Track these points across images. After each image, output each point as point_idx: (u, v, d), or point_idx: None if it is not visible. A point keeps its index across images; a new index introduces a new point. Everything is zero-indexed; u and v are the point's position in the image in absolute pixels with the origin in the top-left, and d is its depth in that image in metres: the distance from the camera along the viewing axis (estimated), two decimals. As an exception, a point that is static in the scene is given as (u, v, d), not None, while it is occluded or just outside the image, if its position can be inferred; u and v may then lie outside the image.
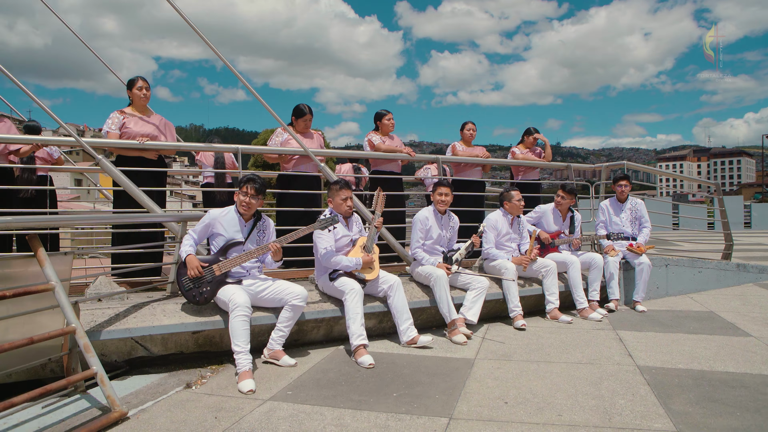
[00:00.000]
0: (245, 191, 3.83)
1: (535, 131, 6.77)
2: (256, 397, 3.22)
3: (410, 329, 4.22)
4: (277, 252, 3.86)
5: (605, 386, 3.28)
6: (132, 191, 4.06)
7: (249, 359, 3.48)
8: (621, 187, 5.93)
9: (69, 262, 3.19)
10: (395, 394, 3.23)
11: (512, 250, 5.27)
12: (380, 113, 5.83)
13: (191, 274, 3.69)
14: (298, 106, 5.29)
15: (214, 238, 3.90)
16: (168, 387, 3.44)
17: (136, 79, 4.65)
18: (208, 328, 3.77)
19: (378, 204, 4.45)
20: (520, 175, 6.80)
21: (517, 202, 5.25)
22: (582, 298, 5.23)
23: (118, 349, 3.61)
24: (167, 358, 3.83)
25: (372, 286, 4.32)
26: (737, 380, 3.37)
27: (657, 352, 4.00)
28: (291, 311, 3.82)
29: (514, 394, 3.19)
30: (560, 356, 3.95)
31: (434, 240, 4.85)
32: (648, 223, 5.95)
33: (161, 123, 4.73)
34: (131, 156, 4.50)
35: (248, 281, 3.88)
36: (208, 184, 6.94)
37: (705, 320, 5.02)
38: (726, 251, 7.28)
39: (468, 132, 6.38)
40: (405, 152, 5.70)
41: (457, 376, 3.54)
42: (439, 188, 4.87)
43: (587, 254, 5.54)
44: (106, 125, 4.52)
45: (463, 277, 4.78)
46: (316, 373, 3.66)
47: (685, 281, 6.41)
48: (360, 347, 3.86)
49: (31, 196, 5.30)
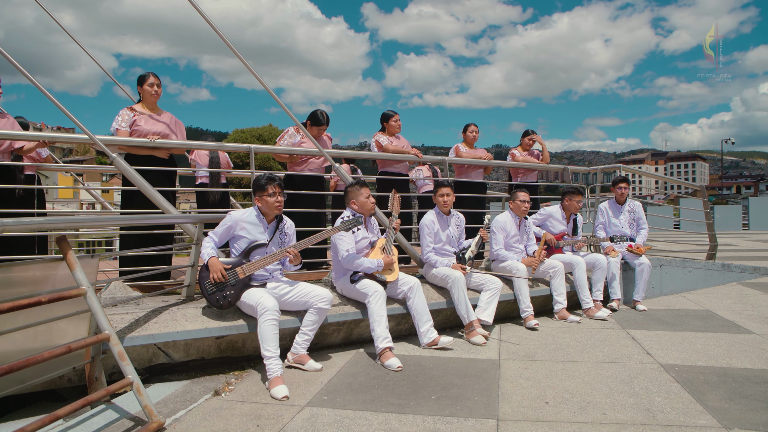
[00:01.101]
0: (273, 191, 3.74)
1: (533, 132, 6.86)
2: (292, 403, 3.14)
3: (431, 331, 4.19)
4: (295, 258, 3.78)
5: (637, 384, 3.33)
6: (147, 191, 3.90)
7: (280, 364, 3.39)
8: (620, 189, 6.06)
9: (95, 265, 3.05)
10: (433, 396, 3.20)
11: (520, 252, 5.32)
12: (387, 114, 5.80)
13: (215, 277, 3.58)
14: (316, 114, 5.21)
15: (236, 240, 3.80)
16: (195, 395, 3.32)
17: (147, 75, 4.48)
18: (232, 333, 3.66)
19: (394, 205, 4.42)
20: (519, 177, 6.87)
21: (520, 202, 5.29)
22: (588, 298, 5.32)
23: (140, 356, 3.47)
24: (187, 365, 3.70)
25: (391, 288, 4.29)
26: (758, 377, 3.47)
27: (673, 350, 4.09)
28: (316, 314, 3.75)
29: (552, 394, 3.20)
30: (582, 355, 3.99)
31: (444, 241, 4.84)
32: (646, 225, 6.09)
33: (172, 121, 4.57)
34: (142, 155, 4.34)
35: (272, 284, 3.79)
36: (202, 185, 6.76)
37: (705, 318, 5.17)
38: (710, 252, 7.52)
39: (471, 134, 6.41)
40: (413, 153, 5.68)
41: (488, 377, 3.54)
42: (440, 189, 4.88)
43: (591, 255, 5.64)
44: (115, 122, 4.34)
45: (477, 278, 4.79)
46: (345, 377, 3.60)
47: (677, 281, 6.59)
48: (386, 350, 3.82)
49: (18, 196, 5.05)
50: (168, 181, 4.47)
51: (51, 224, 3.26)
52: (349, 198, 4.28)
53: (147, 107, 4.50)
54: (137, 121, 4.36)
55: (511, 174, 6.99)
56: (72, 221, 4.24)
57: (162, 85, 4.56)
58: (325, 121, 5.16)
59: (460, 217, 5.08)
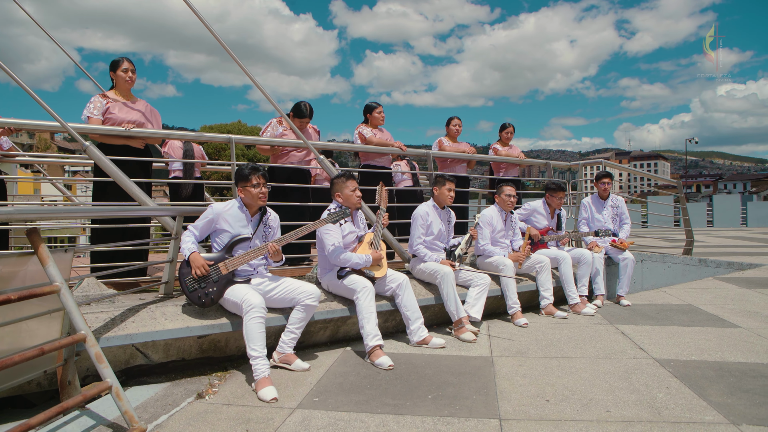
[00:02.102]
0: (257, 182, 3.55)
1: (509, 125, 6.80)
2: (281, 405, 2.97)
3: (421, 329, 4.07)
4: (276, 253, 3.60)
5: (636, 380, 3.27)
6: (123, 182, 3.66)
7: (267, 364, 3.21)
8: (603, 184, 6.04)
9: (69, 260, 2.82)
10: (430, 396, 3.07)
11: (506, 247, 5.24)
12: (371, 105, 5.64)
13: (196, 273, 3.38)
14: (299, 106, 5.02)
15: (217, 234, 3.60)
16: (177, 398, 3.12)
17: (121, 60, 4.22)
18: (215, 332, 3.46)
19: (382, 199, 4.28)
20: (501, 172, 6.80)
21: (506, 197, 5.20)
22: (574, 293, 5.27)
23: (116, 358, 3.24)
24: (167, 366, 3.48)
25: (379, 284, 4.14)
26: (754, 370, 3.45)
27: (665, 345, 4.06)
28: (303, 311, 3.58)
29: (551, 391, 3.11)
30: (575, 351, 3.93)
31: (435, 236, 4.72)
32: (628, 220, 6.09)
33: (147, 109, 4.32)
34: (116, 144, 4.08)
35: (257, 280, 3.60)
36: (176, 178, 6.48)
37: (689, 313, 5.18)
38: (687, 247, 7.60)
39: (454, 127, 6.31)
40: (396, 146, 5.54)
41: (483, 375, 3.43)
42: (447, 183, 4.75)
43: (576, 250, 5.59)
44: (87, 110, 4.07)
45: (465, 274, 4.69)
46: (334, 377, 3.44)
47: (657, 276, 6.63)
48: (376, 348, 3.67)
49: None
50: (144, 172, 4.22)
51: (21, 215, 3.00)
52: (334, 190, 4.12)
53: (120, 94, 4.24)
54: (110, 109, 4.10)
55: (493, 169, 6.92)
56: (44, 212, 3.95)
57: (136, 70, 4.31)
58: (308, 113, 4.98)
59: (452, 213, 4.98)
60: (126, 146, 4.11)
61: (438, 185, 4.76)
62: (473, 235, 4.76)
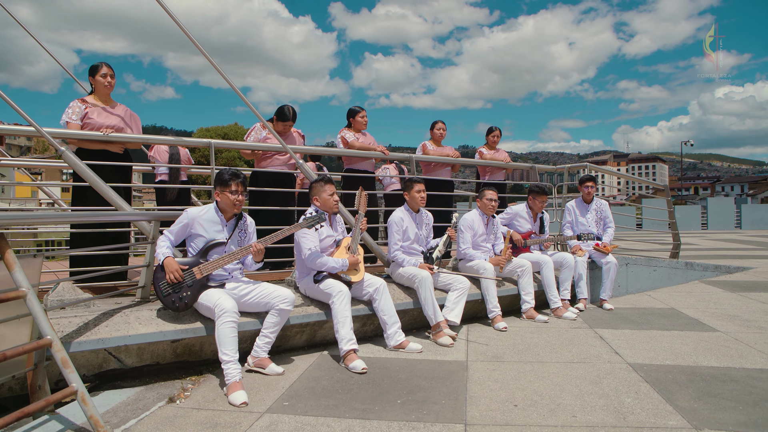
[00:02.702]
0: (235, 189, 3.57)
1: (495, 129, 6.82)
2: (250, 410, 2.99)
3: (398, 333, 4.09)
4: (259, 253, 3.63)
5: (606, 385, 3.29)
6: (99, 187, 3.68)
7: (239, 369, 3.23)
8: (587, 188, 6.06)
9: (38, 265, 2.83)
10: (399, 400, 3.09)
11: (488, 251, 5.26)
12: (354, 110, 5.67)
13: (170, 278, 3.40)
14: (282, 110, 5.05)
15: (192, 239, 3.61)
16: (148, 402, 3.13)
17: (100, 65, 4.24)
18: (189, 336, 3.48)
19: (361, 204, 4.30)
20: (487, 176, 6.82)
21: (487, 201, 5.21)
22: (556, 297, 5.29)
23: (89, 362, 3.26)
24: (141, 370, 3.50)
25: (357, 288, 4.16)
26: (725, 374, 3.47)
27: (641, 349, 4.08)
28: (278, 316, 3.60)
29: (521, 396, 3.13)
30: (550, 356, 3.94)
31: (412, 240, 4.74)
32: (612, 223, 6.12)
33: (126, 114, 4.34)
34: (94, 149, 4.10)
35: (231, 285, 3.62)
36: (162, 182, 6.49)
37: (671, 317, 5.20)
38: (674, 250, 7.62)
39: (438, 131, 6.32)
40: (379, 150, 5.56)
41: (455, 379, 3.45)
42: (415, 185, 4.76)
43: (559, 254, 5.61)
44: (65, 115, 4.09)
45: (444, 278, 4.70)
46: (307, 381, 3.46)
47: (642, 279, 6.65)
48: (350, 352, 3.69)
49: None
50: (122, 177, 4.24)
51: None
52: (312, 194, 4.14)
53: (100, 99, 4.26)
54: (89, 114, 4.12)
55: (479, 172, 6.94)
56: (14, 218, 3.96)
57: (116, 76, 4.33)
58: (291, 117, 5.00)
59: (429, 215, 4.99)
60: (105, 151, 4.13)
61: (407, 189, 4.78)
62: (451, 236, 4.77)
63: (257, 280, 3.82)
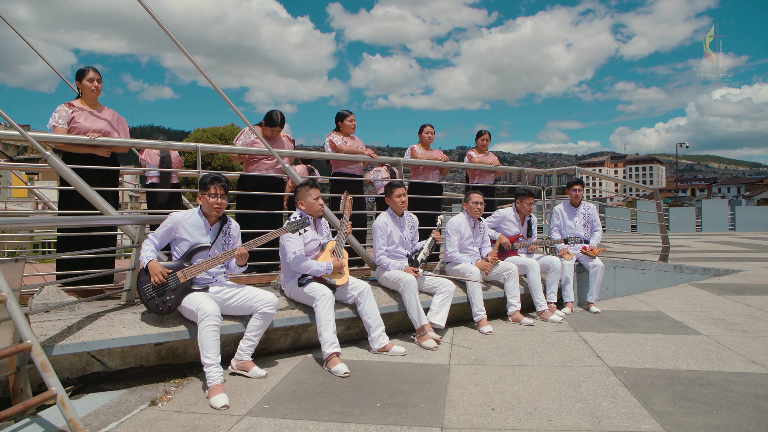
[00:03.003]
0: (214, 192, 3.60)
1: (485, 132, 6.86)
2: (231, 412, 3.02)
3: (382, 336, 4.12)
4: (242, 257, 3.67)
5: (585, 388, 3.33)
6: (84, 191, 3.71)
7: (221, 372, 3.26)
8: (575, 191, 6.10)
9: (19, 270, 2.86)
10: (378, 404, 3.12)
11: (474, 254, 5.29)
12: (342, 114, 5.70)
13: (155, 281, 3.43)
14: (270, 115, 5.09)
15: (177, 243, 3.65)
16: (130, 405, 3.16)
17: (86, 69, 4.27)
18: (172, 339, 3.51)
19: (346, 207, 4.33)
20: (476, 179, 6.86)
21: (473, 204, 5.25)
22: (542, 300, 5.33)
23: (72, 365, 3.29)
24: (125, 373, 3.53)
25: (341, 292, 4.19)
26: (703, 378, 3.51)
27: (623, 353, 4.12)
28: (261, 319, 3.63)
29: (499, 399, 3.16)
30: (532, 359, 3.98)
31: (396, 243, 4.77)
32: (599, 227, 6.16)
33: (114, 118, 4.37)
34: (81, 153, 4.13)
35: (215, 288, 3.65)
36: (153, 185, 6.52)
37: (656, 320, 5.24)
38: (663, 253, 7.67)
39: (426, 135, 6.36)
40: (367, 153, 5.60)
41: (436, 382, 3.48)
42: (395, 190, 4.80)
43: (546, 257, 5.65)
44: (52, 119, 4.12)
45: (429, 281, 4.74)
46: (289, 384, 3.49)
47: (631, 282, 6.69)
48: (333, 355, 3.72)
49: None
50: (109, 180, 4.27)
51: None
52: (297, 198, 4.17)
53: (87, 103, 4.29)
54: (75, 118, 4.15)
55: (468, 176, 6.98)
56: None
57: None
58: (278, 122, 5.04)
59: (414, 218, 5.02)
60: (92, 155, 4.16)
61: (388, 194, 4.81)
62: (436, 238, 4.81)
63: (242, 284, 3.86)
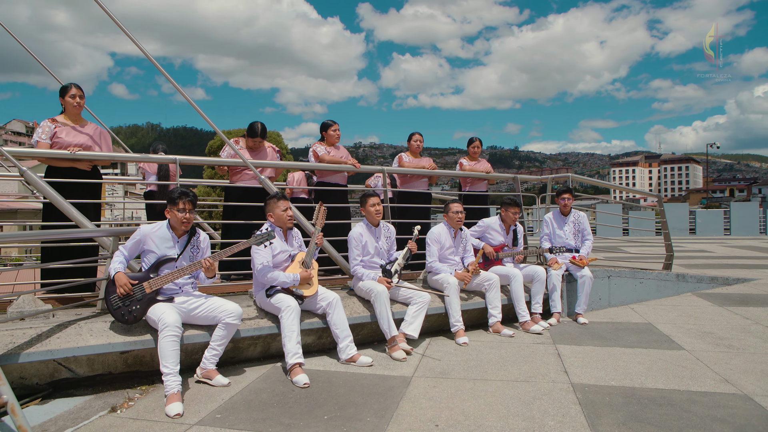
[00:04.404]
0: (182, 207, 3.72)
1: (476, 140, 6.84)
2: (182, 421, 3.13)
3: (350, 347, 4.18)
4: (209, 269, 3.77)
5: (537, 406, 3.31)
6: (59, 204, 3.88)
7: (178, 381, 3.38)
8: (564, 200, 6.03)
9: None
10: (326, 416, 3.18)
11: (455, 264, 5.29)
12: (326, 123, 5.78)
13: (120, 291, 3.57)
14: (251, 126, 5.21)
15: (145, 254, 3.78)
16: (91, 411, 3.31)
17: (69, 86, 4.46)
18: (138, 347, 3.65)
19: (318, 218, 4.40)
20: (467, 187, 6.84)
21: (453, 214, 5.24)
22: (524, 311, 5.29)
23: (40, 372, 3.46)
24: (94, 379, 3.69)
25: (311, 302, 4.27)
26: (665, 397, 3.45)
27: (592, 368, 4.07)
28: (225, 329, 3.74)
29: (446, 416, 3.18)
30: (497, 373, 3.97)
31: (372, 254, 4.81)
32: (590, 236, 6.07)
33: (96, 132, 4.55)
34: (63, 167, 4.32)
35: (181, 299, 3.77)
36: (151, 193, 6.73)
37: (642, 333, 5.15)
38: (667, 261, 7.50)
39: (415, 143, 6.38)
40: (350, 163, 5.65)
41: (391, 396, 3.52)
42: (369, 199, 4.84)
43: (530, 267, 5.61)
44: (36, 134, 4.33)
45: (405, 292, 4.76)
46: (249, 393, 3.58)
47: (627, 292, 6.57)
48: (295, 366, 3.80)
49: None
50: (91, 193, 4.45)
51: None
52: (266, 210, 4.27)
53: (69, 119, 4.48)
54: (58, 133, 4.35)
55: (461, 183, 6.97)
56: None
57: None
58: (259, 132, 5.15)
59: (390, 228, 5.05)
60: (73, 168, 4.35)
61: (362, 204, 4.85)
62: (411, 249, 4.82)
63: (214, 292, 3.97)
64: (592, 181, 7.69)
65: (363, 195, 4.88)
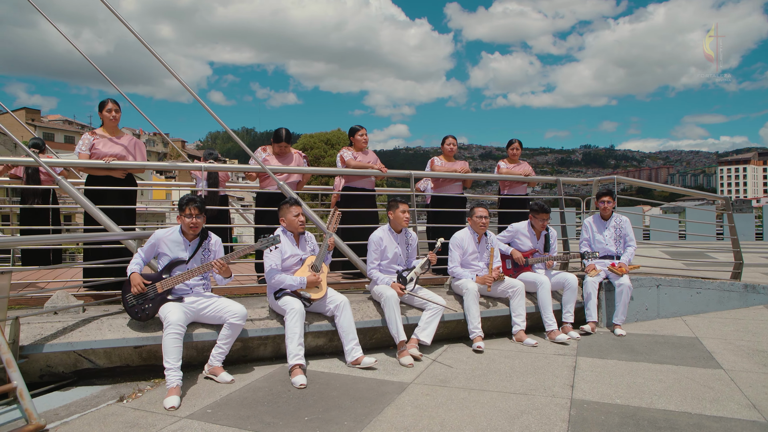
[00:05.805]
0: (189, 213, 3.97)
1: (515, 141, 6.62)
2: (175, 414, 3.34)
3: (355, 349, 4.24)
4: (224, 270, 3.98)
5: (521, 422, 3.19)
6: (90, 210, 4.28)
7: (178, 376, 3.60)
8: (603, 203, 5.71)
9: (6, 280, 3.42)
10: (307, 417, 3.27)
11: (479, 269, 5.17)
12: (354, 129, 5.86)
13: (133, 291, 3.86)
14: (277, 131, 5.41)
15: (160, 257, 4.06)
16: (102, 400, 3.61)
17: (106, 101, 4.89)
18: (150, 343, 3.93)
19: (332, 223, 4.49)
20: (506, 190, 6.65)
21: (477, 218, 5.13)
22: (551, 320, 5.08)
23: (63, 362, 3.83)
24: (114, 371, 4.02)
25: (320, 305, 4.37)
26: (669, 420, 3.20)
27: (603, 384, 3.85)
28: (230, 329, 3.94)
29: (425, 424, 3.15)
30: (498, 384, 3.86)
31: (390, 259, 4.82)
32: (633, 242, 5.70)
33: (131, 143, 4.95)
34: (100, 176, 4.74)
35: (190, 299, 4.01)
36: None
37: (682, 348, 4.77)
38: (735, 270, 6.87)
39: (448, 146, 6.30)
40: (377, 168, 5.69)
41: (381, 401, 3.53)
42: (400, 205, 4.84)
43: (561, 274, 5.38)
44: (77, 146, 4.79)
45: (422, 296, 4.73)
46: (247, 391, 3.75)
47: (680, 303, 6.10)
48: (296, 367, 3.92)
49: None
50: (126, 199, 4.84)
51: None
52: (279, 215, 4.43)
53: (107, 131, 4.91)
54: (95, 145, 4.78)
55: (500, 187, 6.77)
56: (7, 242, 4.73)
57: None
58: (283, 137, 5.32)
59: (412, 235, 5.03)
60: (108, 177, 4.76)
61: (391, 209, 4.84)
62: (431, 260, 4.75)
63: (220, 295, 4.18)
64: (638, 182, 7.19)
65: (392, 200, 4.89)
